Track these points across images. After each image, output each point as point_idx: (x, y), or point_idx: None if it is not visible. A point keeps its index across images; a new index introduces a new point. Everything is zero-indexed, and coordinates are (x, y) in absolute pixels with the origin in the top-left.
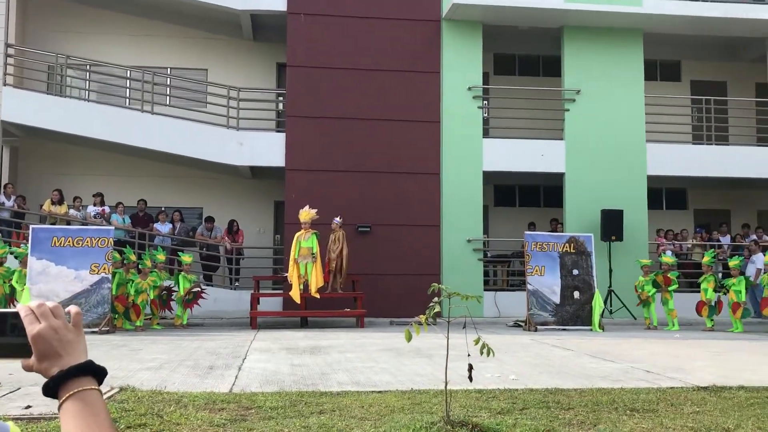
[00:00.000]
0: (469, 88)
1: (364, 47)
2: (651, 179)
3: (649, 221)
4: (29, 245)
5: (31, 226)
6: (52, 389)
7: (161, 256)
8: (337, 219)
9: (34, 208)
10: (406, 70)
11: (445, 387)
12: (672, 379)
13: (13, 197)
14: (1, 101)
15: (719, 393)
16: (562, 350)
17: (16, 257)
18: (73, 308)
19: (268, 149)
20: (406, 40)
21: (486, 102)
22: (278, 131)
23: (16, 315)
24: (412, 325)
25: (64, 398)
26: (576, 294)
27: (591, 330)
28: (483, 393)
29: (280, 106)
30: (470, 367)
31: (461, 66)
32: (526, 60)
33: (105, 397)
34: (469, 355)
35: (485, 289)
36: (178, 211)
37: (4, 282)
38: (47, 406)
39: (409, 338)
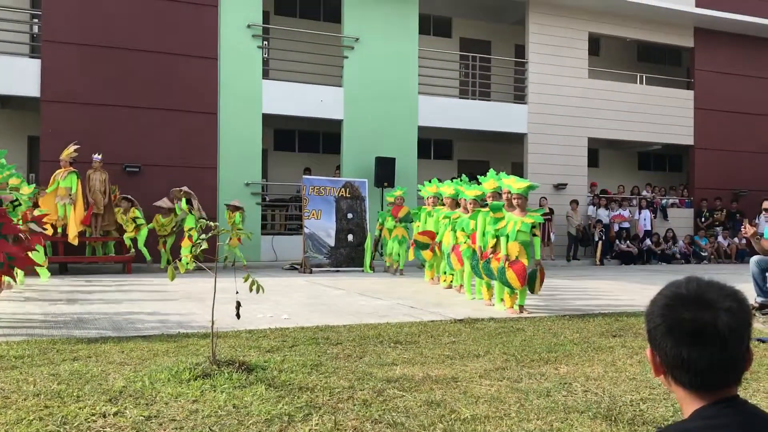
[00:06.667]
0: (249, 26)
1: None
2: (422, 130)
3: (418, 170)
4: None
5: None
6: None
7: None
8: (97, 156)
9: None
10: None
11: (212, 326)
12: (433, 314)
13: None
14: None
15: (473, 324)
16: (335, 290)
17: None
18: None
19: (19, 76)
20: None
21: (266, 42)
22: (32, 56)
23: None
24: (177, 265)
25: None
26: (350, 237)
27: (363, 271)
28: (254, 333)
29: (35, 29)
30: (238, 305)
31: (241, 1)
32: (307, 2)
33: None
34: (237, 292)
35: (263, 233)
36: None
37: None
38: None
39: (172, 277)
